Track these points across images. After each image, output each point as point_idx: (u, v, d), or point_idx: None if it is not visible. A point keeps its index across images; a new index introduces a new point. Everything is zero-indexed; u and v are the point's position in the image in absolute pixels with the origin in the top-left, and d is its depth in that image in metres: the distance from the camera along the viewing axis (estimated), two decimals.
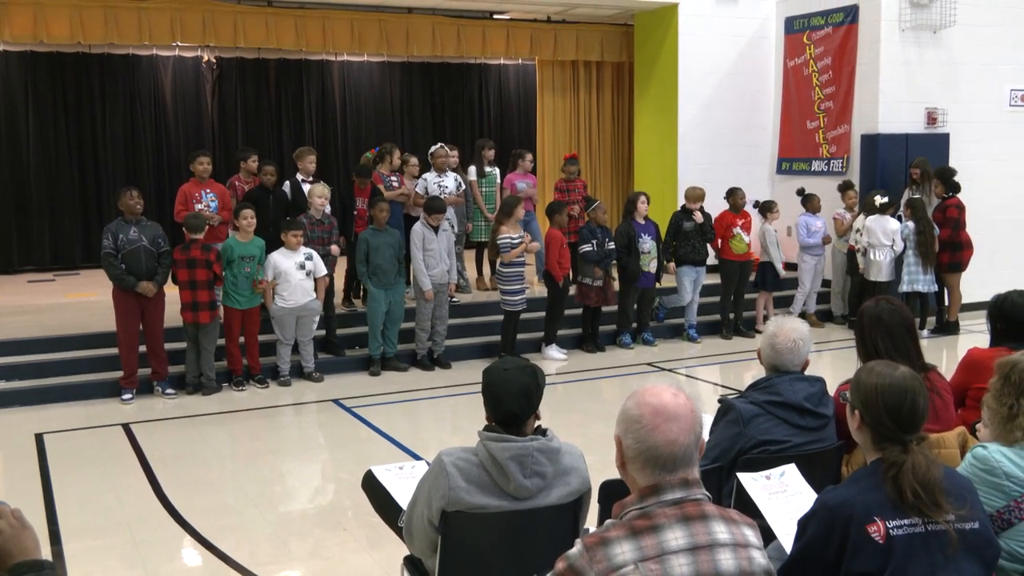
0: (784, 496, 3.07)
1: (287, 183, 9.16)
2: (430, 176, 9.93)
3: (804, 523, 2.50)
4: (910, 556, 2.34)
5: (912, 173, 10.55)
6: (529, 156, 10.90)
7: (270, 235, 8.47)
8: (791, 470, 3.20)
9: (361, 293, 9.52)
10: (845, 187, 10.76)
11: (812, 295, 10.84)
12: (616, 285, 9.66)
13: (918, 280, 10.00)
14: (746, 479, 3.15)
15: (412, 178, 10.10)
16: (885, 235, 9.82)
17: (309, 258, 8.30)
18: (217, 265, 7.95)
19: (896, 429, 2.49)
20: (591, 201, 9.84)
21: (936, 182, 10.26)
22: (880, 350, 3.57)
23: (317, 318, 8.54)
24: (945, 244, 10.08)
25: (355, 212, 9.22)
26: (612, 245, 9.43)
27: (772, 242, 10.23)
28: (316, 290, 8.39)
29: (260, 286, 8.11)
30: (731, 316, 10.35)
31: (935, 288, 10.19)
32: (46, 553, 4.42)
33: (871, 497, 2.40)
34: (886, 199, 9.90)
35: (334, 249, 8.75)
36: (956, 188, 10.18)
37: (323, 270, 8.41)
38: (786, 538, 2.81)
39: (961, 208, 10.17)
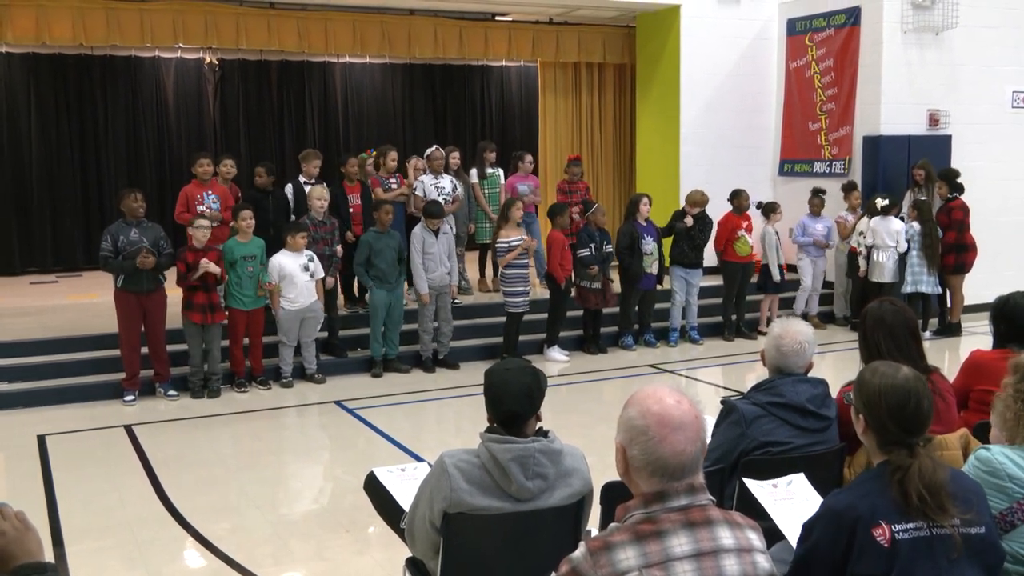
0: (791, 503, 3.06)
1: (289, 185, 9.13)
2: (427, 178, 9.92)
3: (809, 527, 2.49)
4: (915, 560, 2.33)
5: (915, 174, 10.53)
6: (529, 157, 10.87)
7: (270, 237, 8.46)
8: (799, 479, 3.18)
9: (356, 291, 9.50)
10: (849, 188, 10.75)
11: (815, 296, 10.83)
12: (617, 287, 9.65)
13: (921, 281, 10.00)
14: (753, 486, 3.14)
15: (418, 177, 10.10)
16: (889, 236, 9.82)
17: (311, 260, 8.30)
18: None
19: (900, 431, 2.47)
20: (589, 205, 9.83)
21: (941, 183, 10.24)
22: (883, 351, 3.55)
23: (321, 319, 8.53)
24: (950, 246, 10.06)
25: (350, 210, 9.19)
26: (610, 248, 9.42)
27: (771, 245, 10.22)
28: (316, 291, 8.38)
29: (267, 288, 8.10)
30: (733, 318, 10.34)
31: (939, 290, 10.17)
32: (49, 555, 4.42)
33: (876, 501, 2.39)
34: (887, 201, 9.90)
35: (339, 250, 8.75)
36: (960, 189, 10.17)
37: (322, 272, 8.41)
38: (795, 538, 2.79)
39: (965, 210, 10.15)
